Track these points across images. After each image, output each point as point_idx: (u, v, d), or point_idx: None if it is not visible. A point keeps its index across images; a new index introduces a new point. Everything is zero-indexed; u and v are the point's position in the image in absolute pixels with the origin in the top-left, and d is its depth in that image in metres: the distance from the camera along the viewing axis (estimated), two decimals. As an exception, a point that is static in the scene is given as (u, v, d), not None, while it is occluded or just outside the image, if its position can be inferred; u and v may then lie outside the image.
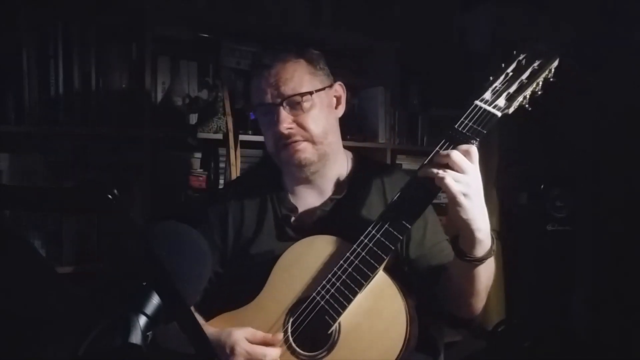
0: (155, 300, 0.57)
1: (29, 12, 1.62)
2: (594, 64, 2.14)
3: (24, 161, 1.65)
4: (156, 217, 1.75)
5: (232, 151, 1.69)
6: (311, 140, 1.14)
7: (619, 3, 2.16)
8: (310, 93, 1.14)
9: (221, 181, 1.84)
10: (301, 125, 1.14)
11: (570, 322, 2.23)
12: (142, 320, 0.56)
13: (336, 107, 1.24)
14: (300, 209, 1.21)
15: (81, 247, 1.71)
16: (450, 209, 0.96)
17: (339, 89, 1.24)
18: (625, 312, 2.08)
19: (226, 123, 1.71)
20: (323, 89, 1.18)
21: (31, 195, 0.61)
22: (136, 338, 0.54)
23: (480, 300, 1.08)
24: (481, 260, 0.99)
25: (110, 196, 0.50)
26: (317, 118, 1.15)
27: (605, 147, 2.21)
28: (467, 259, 0.99)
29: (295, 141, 1.13)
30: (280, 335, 1.03)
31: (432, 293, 1.13)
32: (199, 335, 0.60)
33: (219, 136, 1.79)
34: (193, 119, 1.86)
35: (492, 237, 1.01)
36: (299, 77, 1.14)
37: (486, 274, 1.03)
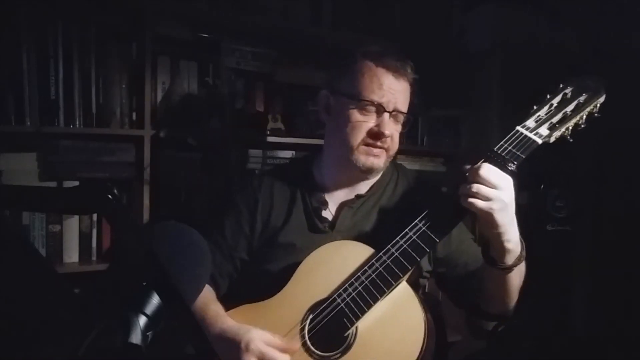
0: (155, 300, 0.57)
1: (29, 12, 1.62)
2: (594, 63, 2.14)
3: (24, 161, 1.66)
4: (156, 217, 1.76)
5: (232, 151, 1.70)
6: (388, 153, 1.21)
7: (619, 3, 2.16)
8: (411, 116, 1.23)
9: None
10: (392, 138, 1.19)
11: (570, 322, 2.23)
12: (142, 320, 0.56)
13: None
14: (330, 204, 1.24)
15: (81, 247, 1.71)
16: (481, 222, 0.98)
17: None
18: (625, 312, 2.08)
19: (226, 123, 1.71)
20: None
21: (31, 195, 0.61)
22: (136, 338, 0.54)
23: (512, 299, 1.10)
24: (511, 267, 1.01)
25: (110, 196, 0.50)
26: (399, 137, 1.23)
27: (605, 147, 2.21)
28: (499, 267, 1.01)
29: (380, 148, 1.18)
30: (298, 344, 1.04)
31: (464, 290, 1.17)
32: (199, 335, 0.60)
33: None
34: (193, 119, 1.86)
35: (522, 243, 1.03)
36: (408, 97, 1.22)
37: (517, 277, 1.06)
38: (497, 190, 0.94)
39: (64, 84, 1.67)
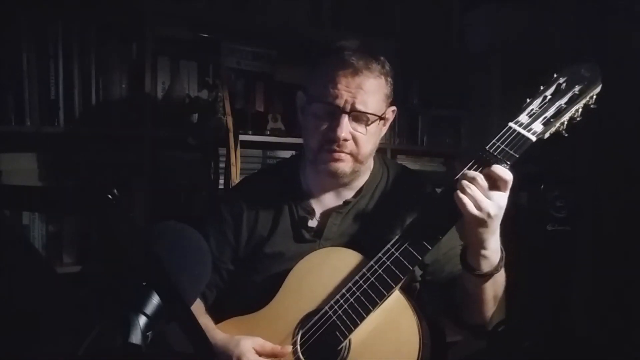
0: (155, 300, 0.57)
1: (29, 12, 1.62)
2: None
3: (24, 161, 1.66)
4: (156, 217, 1.75)
5: (232, 151, 1.69)
6: (355, 157, 1.11)
7: (620, 3, 2.16)
8: (381, 117, 1.11)
9: (221, 181, 1.84)
10: (355, 140, 1.09)
11: (570, 322, 2.23)
12: (142, 320, 0.56)
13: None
14: (318, 211, 1.18)
15: (81, 247, 1.71)
16: (465, 227, 0.96)
17: (391, 114, 1.19)
18: (625, 312, 2.08)
19: (226, 123, 1.71)
20: (386, 113, 1.15)
21: (31, 195, 0.61)
22: (136, 338, 0.54)
23: (488, 309, 1.08)
24: (486, 275, 0.99)
25: (110, 196, 0.50)
26: (371, 139, 1.12)
27: (605, 147, 2.21)
28: (474, 274, 0.99)
29: (342, 151, 1.09)
30: (289, 348, 1.01)
31: (445, 298, 1.13)
32: (198, 335, 0.60)
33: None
34: (193, 119, 1.86)
35: (502, 253, 1.00)
36: (377, 96, 1.09)
37: (493, 286, 1.03)
38: (490, 202, 0.91)
39: (64, 84, 1.67)
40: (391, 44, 2.19)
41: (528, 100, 1.01)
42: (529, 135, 0.97)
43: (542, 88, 1.02)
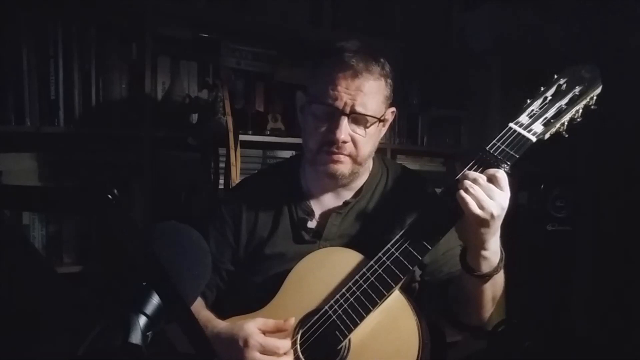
0: (155, 300, 0.57)
1: (29, 12, 1.62)
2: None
3: (24, 161, 1.66)
4: (156, 217, 1.75)
5: (232, 151, 1.69)
6: (354, 158, 1.11)
7: (620, 3, 2.16)
8: (380, 120, 1.12)
9: (221, 181, 1.84)
10: (354, 142, 1.10)
11: (570, 322, 2.23)
12: (142, 320, 0.56)
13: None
14: (317, 212, 1.19)
15: (81, 247, 1.71)
16: (466, 228, 0.96)
17: (391, 115, 1.19)
18: (625, 311, 2.08)
19: (226, 123, 1.71)
20: (386, 114, 1.15)
21: (31, 195, 0.61)
22: (136, 338, 0.54)
23: (486, 311, 1.07)
24: (485, 276, 0.99)
25: (110, 196, 0.50)
26: (370, 141, 1.12)
27: (605, 146, 2.21)
28: (474, 275, 0.99)
29: (341, 153, 1.10)
30: (292, 320, 1.02)
31: (443, 299, 1.13)
32: (198, 335, 0.60)
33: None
34: (193, 119, 1.87)
35: (501, 254, 1.00)
36: (376, 98, 1.09)
37: (492, 287, 1.03)
38: (492, 201, 0.91)
39: (64, 84, 1.67)
40: (392, 43, 2.19)
41: (528, 101, 1.02)
42: (529, 135, 0.98)
43: (542, 89, 1.03)
